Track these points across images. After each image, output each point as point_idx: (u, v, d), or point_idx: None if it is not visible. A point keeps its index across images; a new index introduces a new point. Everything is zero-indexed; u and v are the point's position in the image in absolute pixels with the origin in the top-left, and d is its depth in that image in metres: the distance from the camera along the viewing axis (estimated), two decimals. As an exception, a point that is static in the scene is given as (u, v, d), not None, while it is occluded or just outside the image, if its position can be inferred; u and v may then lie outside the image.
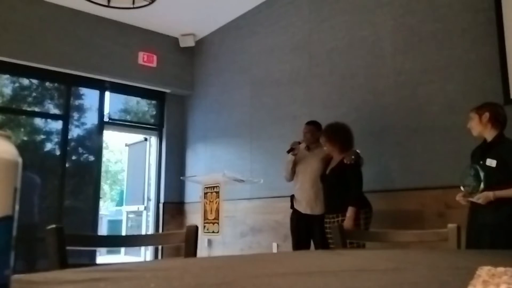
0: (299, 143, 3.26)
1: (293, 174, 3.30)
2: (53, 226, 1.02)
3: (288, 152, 3.24)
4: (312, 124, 3.35)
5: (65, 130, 5.15)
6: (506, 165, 2.14)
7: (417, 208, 3.04)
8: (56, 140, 5.24)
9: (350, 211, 2.79)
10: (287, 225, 3.37)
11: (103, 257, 7.38)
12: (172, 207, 5.63)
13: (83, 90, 5.48)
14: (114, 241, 1.69)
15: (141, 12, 4.26)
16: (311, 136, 3.30)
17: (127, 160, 7.26)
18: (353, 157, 2.87)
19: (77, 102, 5.49)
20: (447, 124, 2.96)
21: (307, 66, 4.13)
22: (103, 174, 5.99)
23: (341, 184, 2.88)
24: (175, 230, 5.16)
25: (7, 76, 4.99)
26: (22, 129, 5.32)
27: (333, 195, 2.94)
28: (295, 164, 3.28)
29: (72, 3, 4.79)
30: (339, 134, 3.01)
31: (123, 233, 6.65)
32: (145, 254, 5.68)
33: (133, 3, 3.60)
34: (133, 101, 6.18)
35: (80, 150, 5.59)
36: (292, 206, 3.31)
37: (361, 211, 2.83)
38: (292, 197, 3.33)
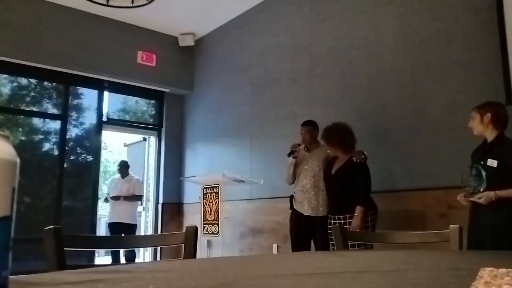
0: (299, 145, 3.24)
1: (294, 176, 3.27)
2: (51, 227, 1.01)
3: (289, 155, 3.22)
4: (309, 124, 3.33)
5: (63, 130, 5.14)
6: (507, 165, 2.14)
7: (419, 209, 3.03)
8: (54, 140, 5.22)
9: (358, 210, 2.78)
10: (287, 226, 3.36)
11: (101, 258, 7.35)
12: (171, 208, 5.63)
13: (82, 90, 5.48)
14: (113, 242, 1.68)
15: (140, 11, 4.25)
16: (309, 137, 3.28)
17: (126, 160, 7.24)
18: (362, 156, 2.87)
19: (75, 102, 5.49)
20: (448, 124, 2.95)
21: (308, 66, 4.13)
22: (101, 174, 6.00)
23: (349, 184, 2.87)
24: (174, 231, 5.15)
25: (5, 75, 4.98)
26: (20, 129, 5.31)
27: (341, 195, 2.92)
28: (295, 166, 3.27)
29: (71, 2, 4.78)
30: (339, 136, 3.00)
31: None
32: (144, 255, 5.67)
33: (132, 2, 3.60)
34: (132, 101, 6.17)
35: (79, 150, 5.58)
36: (291, 207, 3.29)
37: (368, 213, 2.82)
38: (292, 198, 3.31)
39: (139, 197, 5.18)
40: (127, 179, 5.13)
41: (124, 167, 5.21)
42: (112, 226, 5.00)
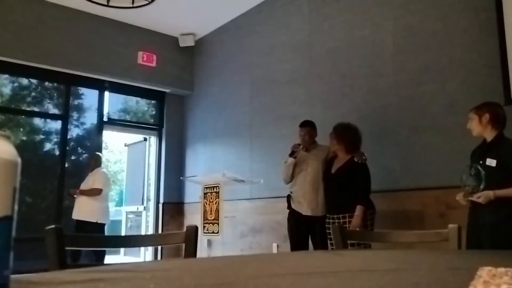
0: (299, 145, 3.25)
1: (293, 176, 3.28)
2: (52, 226, 1.02)
3: (291, 155, 3.23)
4: (308, 125, 3.34)
5: (64, 130, 5.15)
6: (506, 165, 2.15)
7: (418, 209, 3.04)
8: (55, 140, 5.23)
9: (358, 210, 2.78)
10: (287, 225, 3.37)
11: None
12: (172, 207, 5.63)
13: (83, 90, 5.49)
14: (114, 242, 1.69)
15: (141, 12, 4.26)
16: (309, 137, 3.28)
17: (126, 160, 7.26)
18: (364, 157, 2.88)
19: (76, 102, 5.50)
20: (448, 124, 2.96)
21: (307, 66, 4.13)
22: (102, 174, 5.98)
23: (350, 184, 2.88)
24: (174, 230, 5.15)
25: (6, 75, 4.99)
26: (21, 129, 5.32)
27: (341, 194, 2.92)
28: (294, 166, 3.27)
29: (72, 2, 4.79)
30: (349, 134, 3.02)
31: (123, 234, 6.65)
32: (145, 254, 5.67)
33: (133, 2, 3.60)
34: (133, 101, 6.18)
35: (80, 150, 5.59)
36: (289, 207, 3.30)
37: (367, 212, 2.83)
38: (289, 198, 3.32)
39: (96, 191, 4.41)
40: (93, 173, 4.58)
41: (92, 160, 4.66)
42: (75, 224, 4.40)
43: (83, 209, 4.41)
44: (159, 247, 5.25)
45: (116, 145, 12.99)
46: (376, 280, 0.65)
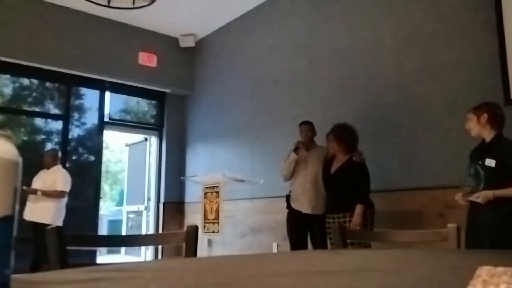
0: (302, 142, 3.27)
1: (293, 174, 3.30)
2: (53, 226, 1.02)
3: (294, 151, 3.25)
4: (309, 123, 3.38)
5: (65, 130, 5.16)
6: (505, 165, 2.15)
7: (417, 208, 3.04)
8: (56, 140, 5.24)
9: (359, 208, 2.80)
10: (286, 225, 3.37)
11: (103, 257, 7.38)
12: (172, 207, 5.64)
13: (83, 90, 5.49)
14: (114, 241, 1.69)
15: (141, 12, 4.26)
16: (311, 134, 3.33)
17: (127, 160, 7.27)
18: (362, 156, 2.90)
19: (77, 102, 5.50)
20: (447, 124, 2.96)
21: (307, 66, 4.14)
22: (103, 174, 6.00)
23: (349, 183, 2.89)
24: (175, 230, 5.16)
25: (7, 76, 5.00)
26: (23, 129, 5.32)
27: (340, 194, 2.94)
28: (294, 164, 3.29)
29: (73, 3, 4.80)
30: (348, 134, 3.03)
31: (123, 233, 6.65)
32: (145, 254, 5.68)
33: (133, 3, 3.61)
34: (133, 101, 6.18)
35: (80, 150, 5.60)
36: (288, 206, 3.31)
37: (367, 211, 2.84)
38: (288, 197, 3.33)
39: (60, 194, 4.07)
40: (53, 171, 4.17)
41: (50, 157, 4.26)
42: (30, 225, 3.91)
43: (39, 210, 4.00)
44: (160, 247, 5.26)
45: (117, 145, 12.99)
46: (376, 279, 0.65)
